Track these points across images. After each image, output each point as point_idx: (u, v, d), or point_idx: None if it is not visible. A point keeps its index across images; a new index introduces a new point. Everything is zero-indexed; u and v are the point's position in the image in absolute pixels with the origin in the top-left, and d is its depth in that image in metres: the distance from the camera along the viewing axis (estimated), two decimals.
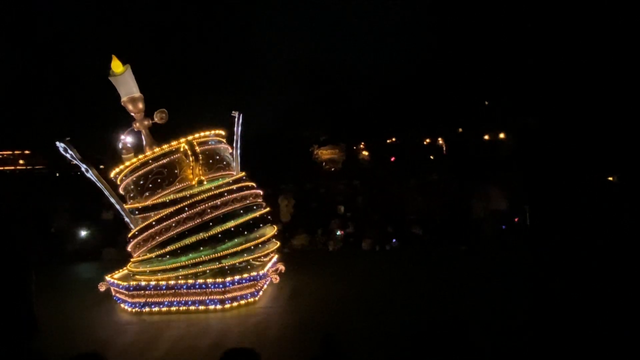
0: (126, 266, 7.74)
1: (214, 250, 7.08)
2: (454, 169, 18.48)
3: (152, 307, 7.04)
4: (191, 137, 7.36)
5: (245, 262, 7.48)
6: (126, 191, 7.55)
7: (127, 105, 7.47)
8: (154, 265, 7.16)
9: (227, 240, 7.14)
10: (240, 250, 7.21)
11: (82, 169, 7.28)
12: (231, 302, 7.00)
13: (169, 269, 7.07)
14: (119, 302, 7.36)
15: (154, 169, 7.22)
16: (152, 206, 7.13)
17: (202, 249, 7.03)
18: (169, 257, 7.04)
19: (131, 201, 7.46)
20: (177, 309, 6.98)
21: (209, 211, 7.11)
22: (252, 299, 7.17)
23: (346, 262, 9.86)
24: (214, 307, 6.95)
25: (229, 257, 7.16)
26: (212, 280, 7.02)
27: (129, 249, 7.59)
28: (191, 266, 7.06)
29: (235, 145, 8.18)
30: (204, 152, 7.46)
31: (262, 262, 7.85)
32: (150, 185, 7.19)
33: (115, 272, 7.66)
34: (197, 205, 7.05)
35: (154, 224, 7.06)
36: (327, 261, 10.16)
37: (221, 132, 8.04)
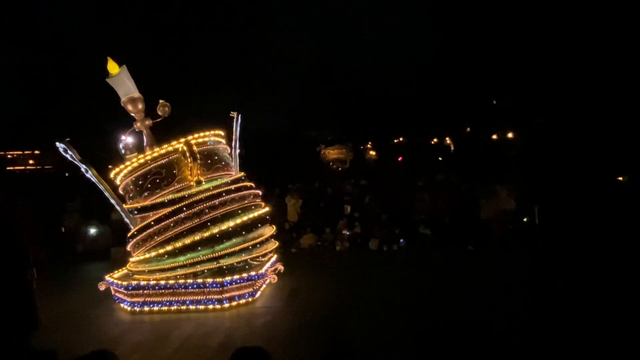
0: (126, 266, 7.78)
1: (212, 250, 7.08)
2: (461, 168, 18.43)
3: (151, 306, 7.05)
4: (190, 138, 7.38)
5: (243, 262, 7.47)
6: (125, 191, 7.58)
7: (127, 105, 7.52)
8: (153, 264, 7.18)
9: (225, 240, 7.14)
10: (238, 250, 7.21)
11: (82, 170, 7.31)
12: (229, 301, 7.00)
13: (167, 268, 7.09)
14: (118, 302, 7.40)
15: (153, 169, 7.24)
16: (150, 206, 7.15)
17: (200, 248, 7.04)
18: (167, 256, 7.06)
19: (130, 201, 7.50)
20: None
21: (207, 211, 7.12)
22: (250, 299, 7.17)
23: (353, 262, 9.82)
24: (212, 307, 6.94)
25: (227, 257, 7.16)
26: (210, 280, 7.02)
27: (128, 249, 7.63)
28: (189, 266, 7.07)
29: (234, 145, 8.17)
30: (203, 153, 7.48)
31: (260, 262, 7.84)
32: (149, 185, 7.22)
33: (114, 272, 7.70)
34: (195, 205, 7.06)
35: (153, 224, 7.09)
36: (334, 261, 10.13)
37: (220, 132, 8.02)
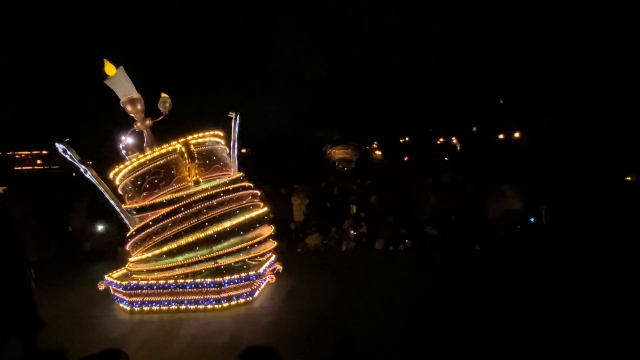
0: (125, 265, 7.82)
1: (209, 250, 7.10)
2: (468, 168, 18.35)
3: (150, 306, 7.09)
4: (190, 138, 7.40)
5: (241, 262, 7.48)
6: (124, 191, 7.61)
7: (126, 106, 7.53)
8: (151, 264, 7.21)
9: (223, 240, 7.15)
10: (236, 250, 7.22)
11: (81, 170, 7.33)
12: (227, 301, 7.02)
13: (165, 268, 7.12)
14: (117, 301, 7.44)
15: (151, 169, 7.26)
16: (149, 206, 7.18)
17: (198, 248, 7.06)
18: (165, 256, 7.09)
19: (129, 201, 7.53)
20: (185, 307, 7.01)
21: (205, 211, 7.13)
22: (249, 298, 7.19)
23: (358, 262, 9.82)
24: (211, 307, 6.97)
25: (225, 256, 7.18)
26: (209, 279, 7.04)
27: (127, 249, 7.67)
28: (187, 266, 7.09)
29: (232, 145, 8.18)
30: (201, 153, 7.50)
31: (258, 262, 7.85)
32: (147, 185, 7.25)
33: (114, 272, 7.75)
34: (193, 205, 7.07)
35: (151, 224, 7.11)
36: (340, 261, 10.13)
37: (219, 132, 8.03)
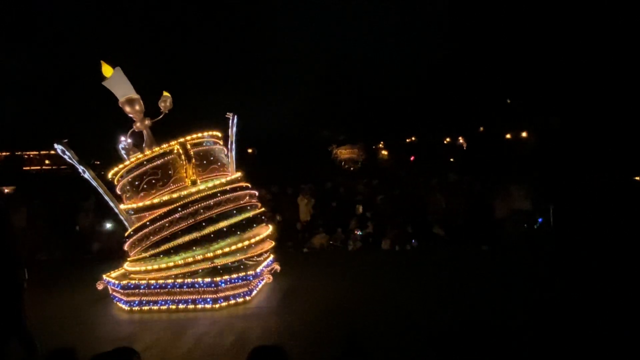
0: (122, 265, 7.86)
1: (206, 250, 7.12)
2: (475, 168, 18.28)
3: (148, 305, 7.11)
4: (189, 138, 7.43)
5: (238, 262, 7.49)
6: (122, 191, 7.66)
7: (125, 107, 7.56)
8: (148, 264, 7.24)
9: (220, 240, 7.17)
10: (233, 250, 7.22)
11: (79, 170, 7.37)
12: (224, 301, 7.03)
13: (162, 268, 7.13)
14: (116, 301, 7.47)
15: (149, 170, 7.29)
16: (146, 206, 7.21)
17: (194, 248, 7.08)
18: (162, 256, 7.12)
19: (127, 201, 7.57)
20: (185, 307, 7.02)
21: (202, 211, 7.14)
22: (247, 298, 7.20)
23: (365, 262, 9.82)
24: (212, 306, 6.98)
25: (222, 256, 7.18)
26: (208, 279, 7.06)
27: (125, 248, 7.71)
28: (184, 265, 7.10)
29: (230, 146, 8.19)
30: (198, 153, 7.51)
31: (256, 262, 7.86)
32: (145, 186, 7.28)
33: (112, 271, 7.79)
34: (190, 205, 7.08)
35: (148, 224, 7.14)
36: (346, 261, 10.13)
37: (217, 133, 8.05)
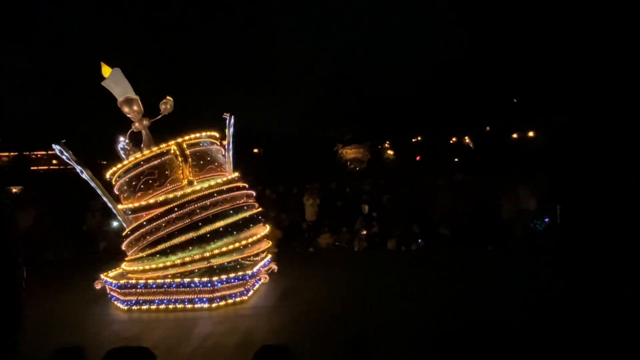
0: (120, 265, 7.91)
1: (202, 249, 7.13)
2: (481, 167, 18.20)
3: (145, 305, 7.14)
4: (187, 138, 7.46)
5: (234, 262, 7.51)
6: (120, 191, 7.71)
7: (123, 107, 7.60)
8: (145, 264, 7.26)
9: (217, 240, 7.18)
10: (229, 249, 7.24)
11: (77, 170, 7.42)
12: (220, 301, 7.06)
13: (159, 267, 7.16)
14: (113, 300, 7.51)
15: (146, 170, 7.33)
16: (143, 206, 7.24)
17: (191, 248, 7.10)
18: (159, 256, 7.14)
19: (125, 201, 7.62)
20: (182, 307, 7.05)
21: (198, 211, 7.16)
22: (244, 297, 7.22)
23: (370, 262, 9.83)
24: (207, 306, 7.00)
25: (218, 256, 7.20)
26: (205, 279, 7.09)
27: (122, 248, 7.75)
28: (180, 265, 7.13)
29: (227, 147, 8.20)
30: (195, 154, 7.55)
31: (252, 262, 7.87)
32: (142, 186, 7.32)
33: (110, 271, 7.83)
34: (186, 205, 7.11)
35: (145, 223, 7.17)
36: (351, 261, 10.12)
37: (214, 133, 8.07)
